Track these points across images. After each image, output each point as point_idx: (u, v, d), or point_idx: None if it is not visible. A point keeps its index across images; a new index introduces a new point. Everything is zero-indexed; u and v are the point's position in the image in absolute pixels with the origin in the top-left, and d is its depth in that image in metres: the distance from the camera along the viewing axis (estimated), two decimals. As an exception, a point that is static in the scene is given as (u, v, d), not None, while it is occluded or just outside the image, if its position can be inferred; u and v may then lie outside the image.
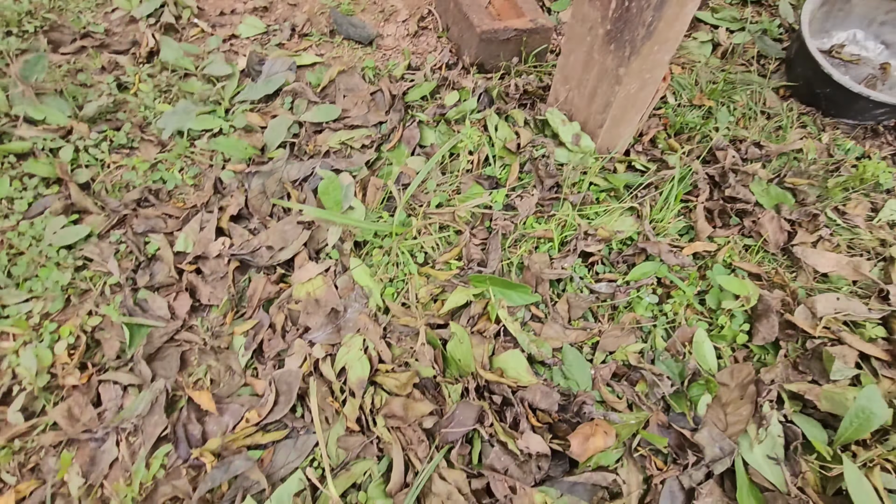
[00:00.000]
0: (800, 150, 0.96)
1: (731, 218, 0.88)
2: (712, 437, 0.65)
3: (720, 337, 0.76)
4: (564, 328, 0.76)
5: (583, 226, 0.82)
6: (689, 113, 1.02)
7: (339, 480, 0.64)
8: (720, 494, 0.63)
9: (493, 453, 0.63)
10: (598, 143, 0.89)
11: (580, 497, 0.62)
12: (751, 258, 0.84)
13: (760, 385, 0.67)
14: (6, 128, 0.94)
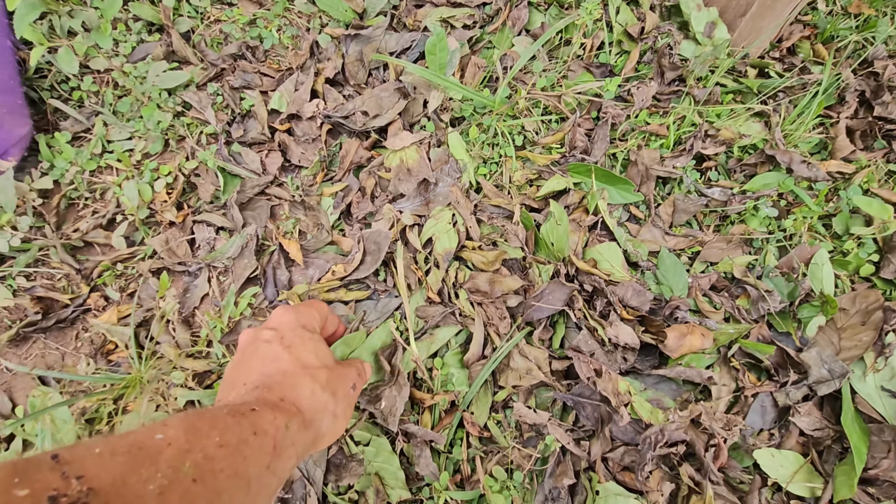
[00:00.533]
0: (977, 72, 0.81)
1: (876, 140, 0.77)
2: (822, 357, 0.60)
3: (843, 263, 0.68)
4: (665, 232, 0.71)
5: (703, 125, 0.73)
6: (840, 21, 0.88)
7: (419, 344, 0.64)
8: (819, 416, 0.58)
9: (579, 336, 0.60)
10: (735, 35, 0.78)
11: (664, 393, 0.60)
12: (893, 186, 0.73)
13: (889, 313, 0.61)
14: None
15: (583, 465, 0.57)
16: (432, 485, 0.58)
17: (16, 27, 0.75)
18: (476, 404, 0.61)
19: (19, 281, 0.73)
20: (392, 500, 0.57)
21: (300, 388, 0.39)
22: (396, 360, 0.62)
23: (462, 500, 0.57)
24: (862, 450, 0.54)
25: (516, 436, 0.60)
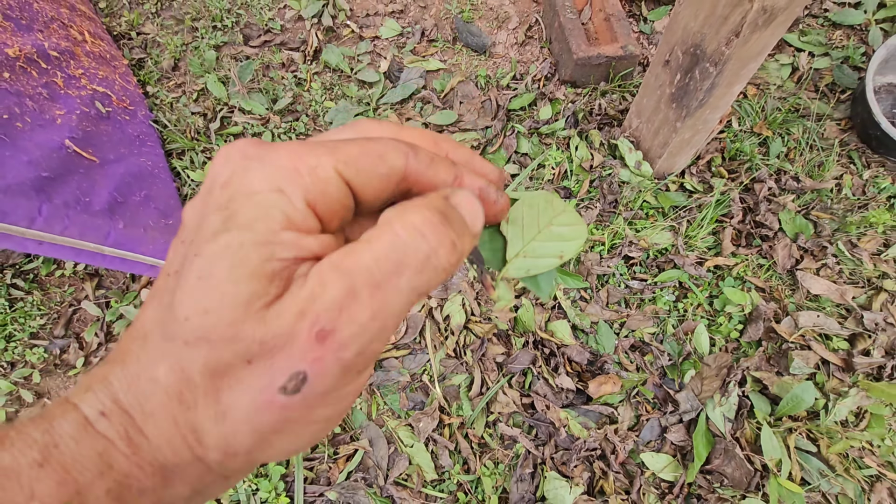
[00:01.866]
0: (835, 188, 1.14)
1: (754, 240, 1.11)
2: (688, 397, 0.97)
3: (718, 331, 1.04)
4: (602, 309, 1.08)
5: (629, 236, 1.10)
6: (746, 140, 1.21)
7: (441, 386, 1.04)
8: (684, 433, 0.96)
9: (539, 383, 0.99)
10: (656, 169, 1.13)
11: (590, 419, 0.98)
12: (760, 275, 1.08)
13: (732, 369, 0.97)
14: (225, 113, 1.35)
15: (538, 461, 0.97)
16: (449, 471, 0.99)
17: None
18: (476, 423, 1.01)
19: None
20: (427, 479, 0.98)
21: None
22: (429, 397, 1.02)
23: (466, 481, 0.97)
24: (702, 453, 0.92)
25: (500, 442, 1.00)
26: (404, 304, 0.17)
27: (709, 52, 0.83)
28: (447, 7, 1.48)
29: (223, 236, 0.16)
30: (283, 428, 0.17)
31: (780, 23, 0.75)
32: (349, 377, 0.17)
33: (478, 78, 1.36)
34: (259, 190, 0.17)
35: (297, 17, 1.50)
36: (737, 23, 0.75)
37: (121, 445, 0.16)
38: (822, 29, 1.33)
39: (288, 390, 0.16)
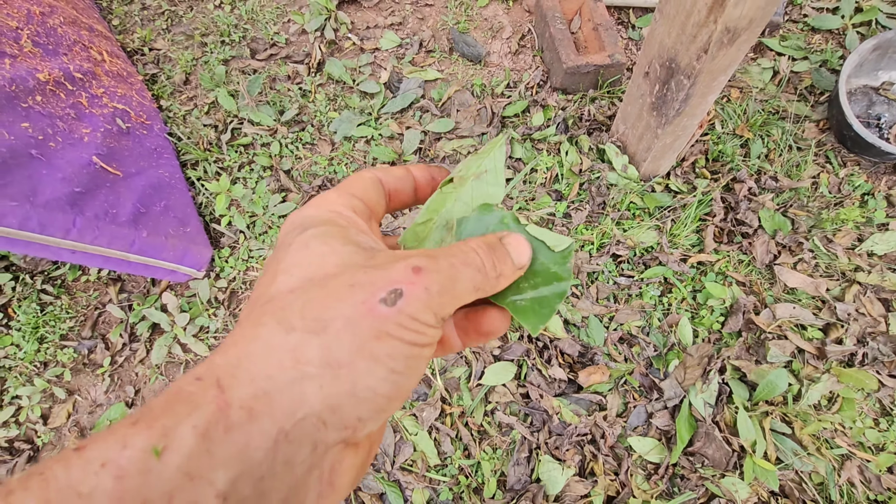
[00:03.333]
0: (810, 185, 1.20)
1: (735, 237, 1.18)
2: (672, 385, 1.04)
3: (701, 323, 1.11)
4: (592, 304, 1.15)
5: (617, 235, 1.17)
6: (728, 141, 1.28)
7: (442, 378, 1.12)
8: (668, 418, 1.03)
9: (533, 374, 1.07)
10: (642, 172, 1.20)
11: (581, 406, 1.06)
12: (741, 270, 1.15)
13: (713, 359, 1.04)
14: (235, 124, 1.43)
15: (533, 446, 1.05)
16: (451, 456, 1.06)
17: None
18: (475, 412, 1.09)
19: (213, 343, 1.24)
20: (430, 464, 1.06)
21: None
22: (431, 389, 1.10)
23: (467, 465, 1.05)
24: (685, 436, 0.99)
25: (498, 430, 1.08)
26: (468, 286, 0.22)
27: (682, 66, 0.90)
28: (444, 18, 1.55)
29: (309, 231, 0.23)
30: (380, 338, 0.19)
31: (743, 41, 0.82)
32: (430, 313, 0.21)
33: (473, 87, 1.43)
34: (313, 212, 0.25)
35: (301, 31, 1.58)
36: (704, 41, 0.82)
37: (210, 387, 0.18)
38: (801, 33, 1.40)
39: (388, 302, 0.20)
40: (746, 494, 0.94)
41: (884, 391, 1.02)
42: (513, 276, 0.26)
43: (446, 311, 0.22)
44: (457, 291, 0.22)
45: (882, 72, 1.28)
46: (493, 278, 0.24)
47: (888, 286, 1.10)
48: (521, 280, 0.27)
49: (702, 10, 0.79)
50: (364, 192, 0.27)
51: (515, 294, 0.27)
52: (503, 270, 0.25)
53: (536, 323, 0.27)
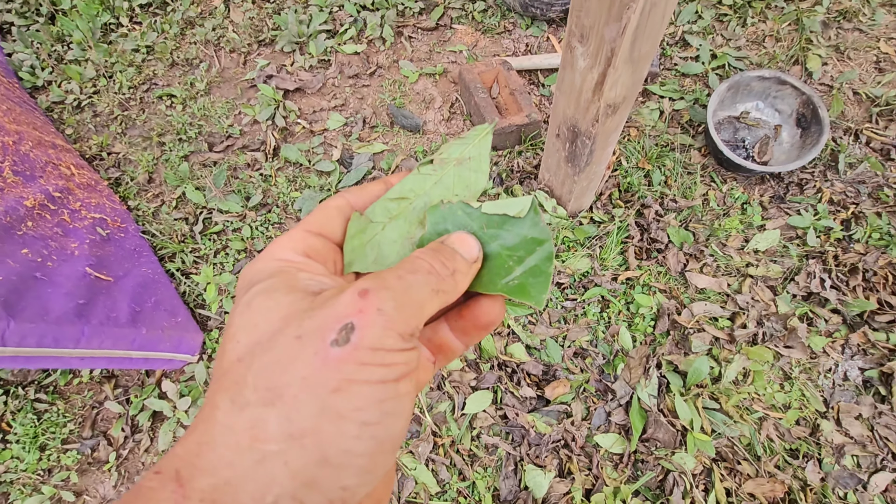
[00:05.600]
0: (702, 202, 1.48)
1: (652, 253, 1.42)
2: (622, 385, 1.25)
3: (636, 329, 1.34)
4: (547, 328, 1.35)
5: (558, 267, 1.38)
6: (634, 174, 1.54)
7: (430, 414, 1.27)
8: (623, 414, 1.23)
9: (506, 397, 1.24)
10: (569, 210, 1.44)
11: (551, 417, 1.24)
12: (661, 280, 1.39)
13: (650, 357, 1.26)
14: (206, 215, 1.56)
15: (517, 459, 1.21)
16: (449, 482, 1.21)
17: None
18: (463, 439, 1.24)
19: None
20: (432, 493, 1.20)
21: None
22: (422, 425, 1.25)
23: (464, 487, 1.20)
24: (638, 426, 1.19)
25: (485, 450, 1.24)
26: (425, 291, 0.22)
27: (583, 130, 1.14)
28: (381, 96, 1.76)
29: (256, 287, 0.22)
30: (341, 389, 0.18)
31: (623, 110, 1.07)
32: (392, 336, 0.19)
33: (416, 153, 1.64)
34: (260, 266, 0.24)
35: (253, 122, 1.74)
36: (594, 113, 1.06)
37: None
38: (675, 79, 1.71)
39: (340, 342, 0.18)
40: (693, 464, 1.15)
41: (783, 360, 1.27)
42: (469, 269, 0.26)
43: (412, 325, 0.21)
44: (415, 300, 0.21)
45: (739, 104, 1.60)
46: (448, 276, 0.24)
47: (772, 275, 1.37)
48: (505, 259, 0.27)
49: (588, 92, 1.04)
50: (324, 226, 0.27)
51: (505, 276, 0.27)
52: (456, 266, 0.25)
53: (538, 294, 0.26)
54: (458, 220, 0.28)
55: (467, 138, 0.31)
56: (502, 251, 0.27)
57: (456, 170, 0.30)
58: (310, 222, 0.27)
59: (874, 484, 1.15)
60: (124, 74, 1.86)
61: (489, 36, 1.87)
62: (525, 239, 0.27)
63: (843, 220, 1.44)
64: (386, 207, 0.29)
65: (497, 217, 0.27)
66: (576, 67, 1.01)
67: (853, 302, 1.32)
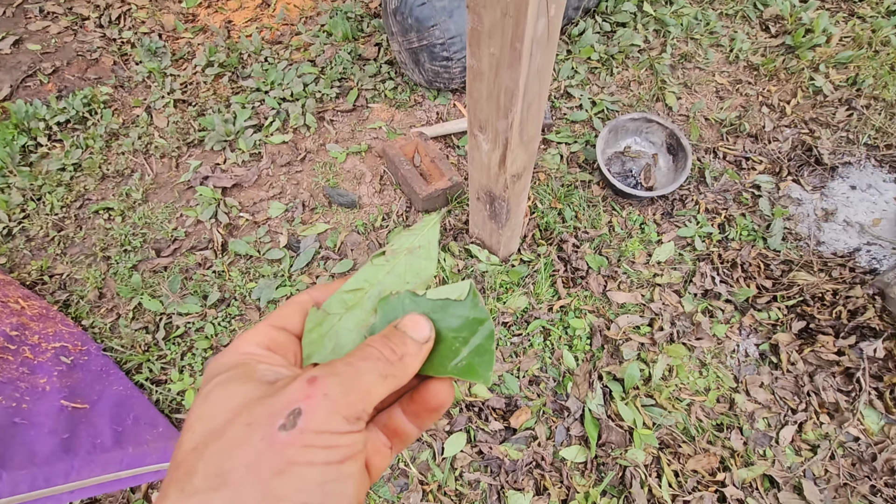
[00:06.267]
0: (608, 229, 1.74)
1: (577, 280, 1.65)
2: (574, 402, 1.44)
3: (577, 349, 1.54)
4: (502, 364, 1.53)
5: (500, 308, 1.58)
6: (549, 214, 1.78)
7: (415, 465, 1.39)
8: (580, 427, 1.42)
9: (479, 434, 1.39)
10: (501, 256, 1.64)
11: (520, 443, 1.40)
12: (588, 303, 1.62)
13: (592, 372, 1.46)
14: (166, 320, 1.61)
15: (498, 488, 1.35)
16: (443, 523, 1.33)
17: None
18: (448, 481, 1.37)
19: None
20: (429, 537, 1.31)
21: None
22: (409, 477, 1.36)
23: (457, 524, 1.32)
24: (594, 434, 1.38)
25: (469, 487, 1.37)
26: (373, 376, 0.25)
27: (497, 195, 1.36)
28: (315, 179, 1.92)
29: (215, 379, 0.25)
30: (284, 472, 0.19)
31: (526, 176, 1.29)
32: (337, 419, 0.22)
33: (357, 227, 1.80)
34: (224, 359, 0.26)
35: (196, 222, 1.83)
36: (503, 182, 1.28)
37: None
38: (566, 126, 2.00)
39: (287, 426, 0.20)
40: (643, 457, 1.35)
41: (696, 351, 1.52)
42: (420, 351, 0.28)
43: (358, 408, 0.23)
44: (362, 385, 0.24)
45: (621, 141, 1.90)
46: (397, 361, 0.26)
47: (675, 281, 1.64)
48: (451, 342, 0.29)
49: (495, 167, 1.25)
50: (286, 321, 0.30)
51: (453, 358, 0.29)
52: (405, 350, 0.27)
53: (484, 373, 0.28)
54: (407, 308, 0.30)
55: (416, 229, 0.34)
56: (449, 334, 0.29)
57: (407, 259, 0.32)
58: (273, 317, 0.30)
59: (783, 437, 1.40)
60: (54, 195, 1.90)
61: (403, 110, 2.09)
62: (467, 320, 0.29)
63: (718, 224, 1.76)
64: (342, 299, 0.31)
65: (440, 302, 0.30)
66: (481, 150, 1.23)
67: (739, 291, 1.60)
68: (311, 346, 0.30)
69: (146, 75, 2.23)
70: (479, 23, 0.91)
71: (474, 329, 0.29)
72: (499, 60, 0.94)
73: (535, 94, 1.02)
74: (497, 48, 0.92)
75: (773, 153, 1.89)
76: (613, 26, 2.18)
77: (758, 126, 1.95)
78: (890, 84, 1.92)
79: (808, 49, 2.05)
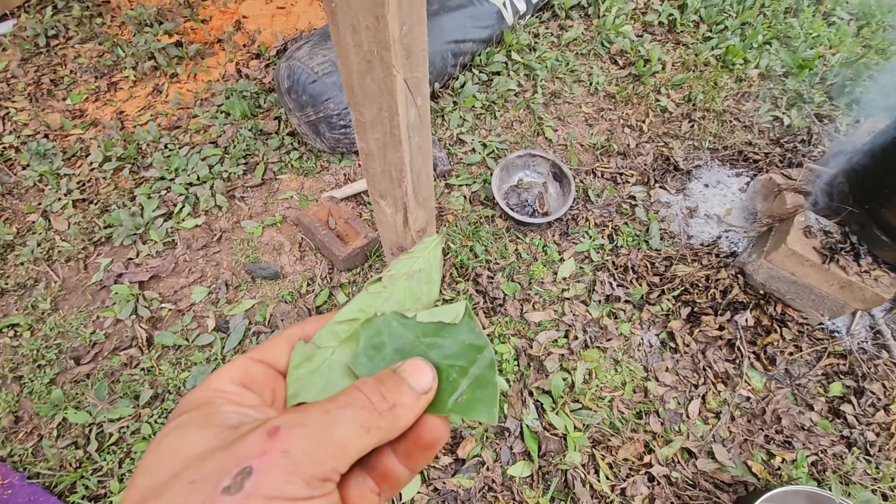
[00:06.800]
0: (516, 257, 1.93)
1: (497, 308, 1.81)
2: (512, 422, 1.57)
3: (508, 372, 1.69)
4: (442, 400, 1.63)
5: (432, 348, 1.69)
6: (461, 253, 1.94)
7: None
8: (521, 444, 1.55)
9: (431, 472, 1.48)
10: (424, 300, 1.77)
11: (471, 472, 1.51)
12: (509, 327, 1.78)
13: (523, 390, 1.61)
14: (97, 430, 1.56)
15: (458, 518, 1.44)
16: (412, 566, 1.38)
17: None
18: (411, 524, 1.44)
19: None
20: (401, 584, 1.36)
21: None
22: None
23: (425, 563, 1.39)
24: (534, 448, 1.52)
25: (432, 524, 1.45)
26: (353, 428, 0.21)
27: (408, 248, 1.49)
28: (234, 257, 1.95)
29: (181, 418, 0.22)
30: None
31: (430, 228, 1.44)
32: (295, 483, 0.18)
33: (284, 297, 1.85)
34: (195, 395, 0.24)
35: (116, 321, 1.80)
36: (411, 238, 1.42)
37: None
38: (464, 168, 2.20)
39: (232, 489, 0.17)
40: (579, 458, 1.50)
41: (609, 352, 1.72)
42: (416, 402, 0.24)
43: (325, 469, 0.20)
44: (336, 439, 0.20)
45: (514, 176, 2.13)
46: (387, 411, 0.23)
47: (580, 292, 1.85)
48: (448, 372, 0.26)
49: (400, 226, 1.39)
50: (270, 354, 0.27)
51: (453, 392, 0.26)
52: (398, 400, 0.24)
53: (489, 409, 0.25)
54: (395, 332, 0.27)
55: (416, 252, 0.31)
56: (444, 362, 0.26)
57: (406, 284, 0.30)
58: (257, 350, 0.27)
59: (692, 411, 1.62)
60: (-52, 323, 1.78)
61: (311, 177, 2.19)
62: (464, 346, 0.26)
63: (608, 235, 2.01)
64: (334, 331, 0.28)
65: (432, 325, 0.27)
66: (385, 213, 1.36)
67: (634, 291, 1.84)
68: (298, 384, 0.27)
69: (37, 179, 2.17)
70: (362, 116, 1.05)
71: (472, 358, 0.26)
72: (384, 144, 1.09)
73: (421, 166, 1.17)
74: (380, 135, 1.06)
75: (640, 166, 2.20)
76: (490, 76, 2.44)
77: (624, 145, 2.26)
78: (716, 97, 2.32)
79: (650, 76, 2.42)
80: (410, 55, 0.89)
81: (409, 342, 0.28)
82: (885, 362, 1.67)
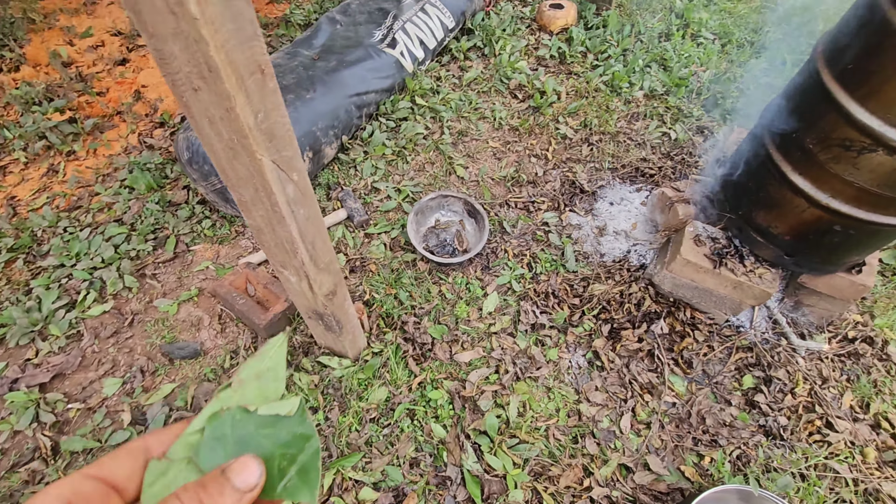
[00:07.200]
0: (440, 298, 1.96)
1: (426, 353, 1.82)
2: (452, 469, 1.56)
3: (444, 418, 1.68)
4: (381, 458, 1.60)
5: (364, 406, 1.66)
6: (386, 302, 1.94)
7: None
8: (465, 490, 1.54)
9: None
10: (352, 356, 1.74)
11: None
12: (441, 371, 1.78)
13: (460, 435, 1.61)
14: (-2, 563, 1.41)
15: (407, 582, 1.40)
16: None
17: None
18: None
19: None
20: None
21: None
22: None
23: None
24: (478, 493, 1.51)
25: None
26: None
27: (322, 312, 1.47)
28: (150, 341, 1.85)
29: None
30: None
31: (340, 291, 1.43)
32: None
33: (206, 375, 1.77)
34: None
35: (14, 434, 1.65)
36: (322, 302, 1.40)
37: None
38: (381, 216, 2.22)
39: None
40: (522, 494, 1.50)
41: (540, 381, 1.76)
42: (239, 501, 0.26)
43: None
44: None
45: (429, 218, 2.17)
46: None
47: (506, 325, 1.88)
48: (279, 461, 0.29)
49: (308, 291, 1.37)
50: (111, 469, 0.27)
51: (281, 478, 0.29)
52: (219, 502, 0.25)
53: (310, 492, 0.28)
54: (237, 424, 0.30)
55: (263, 353, 0.34)
56: (277, 451, 0.29)
57: (256, 384, 0.32)
58: (93, 465, 0.27)
59: (624, 426, 1.67)
60: None
61: (227, 244, 2.14)
62: (295, 435, 0.29)
63: (527, 263, 2.07)
64: (188, 443, 0.30)
65: (271, 417, 0.30)
66: (290, 281, 1.35)
67: (556, 316, 1.90)
68: (154, 501, 0.28)
69: (-85, 287, 1.98)
70: (242, 196, 1.05)
71: (301, 446, 0.29)
72: (269, 220, 1.08)
73: (314, 234, 1.18)
74: (264, 212, 1.06)
75: (550, 192, 2.30)
76: (397, 122, 2.50)
77: (532, 174, 2.36)
78: (609, 120, 2.49)
79: (547, 106, 2.57)
80: (273, 138, 0.90)
81: (249, 433, 0.31)
82: (785, 348, 1.81)
